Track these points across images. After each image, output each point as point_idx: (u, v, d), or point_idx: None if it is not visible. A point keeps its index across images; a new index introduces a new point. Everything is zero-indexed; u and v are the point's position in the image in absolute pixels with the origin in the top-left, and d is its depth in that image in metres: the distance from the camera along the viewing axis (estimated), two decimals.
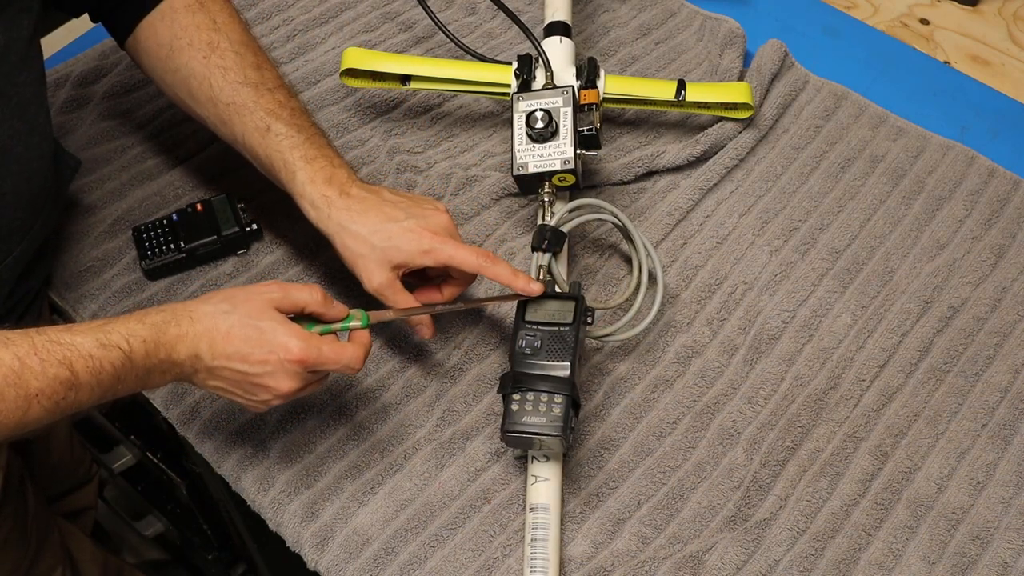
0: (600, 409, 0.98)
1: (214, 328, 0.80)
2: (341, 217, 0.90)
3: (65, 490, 1.30)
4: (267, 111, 0.93)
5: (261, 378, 0.81)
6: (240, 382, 0.81)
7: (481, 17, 1.28)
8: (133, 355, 0.76)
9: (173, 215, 1.06)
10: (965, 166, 1.14)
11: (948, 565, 0.89)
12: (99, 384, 0.75)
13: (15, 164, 0.86)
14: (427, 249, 0.89)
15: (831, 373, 1.00)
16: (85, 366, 0.74)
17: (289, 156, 0.92)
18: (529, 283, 0.90)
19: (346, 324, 0.86)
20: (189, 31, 0.95)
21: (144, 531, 1.55)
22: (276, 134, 0.93)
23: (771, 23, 1.28)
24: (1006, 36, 1.29)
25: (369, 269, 0.89)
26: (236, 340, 0.80)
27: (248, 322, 0.80)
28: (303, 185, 0.91)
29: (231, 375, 0.81)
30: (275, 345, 0.80)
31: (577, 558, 0.90)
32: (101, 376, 0.74)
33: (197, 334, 0.79)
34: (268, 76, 0.96)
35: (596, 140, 1.01)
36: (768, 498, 0.93)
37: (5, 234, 0.89)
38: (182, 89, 0.96)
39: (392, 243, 0.89)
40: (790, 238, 1.09)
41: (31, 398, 0.71)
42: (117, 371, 0.75)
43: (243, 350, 0.80)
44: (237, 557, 1.56)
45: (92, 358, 0.74)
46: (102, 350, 0.75)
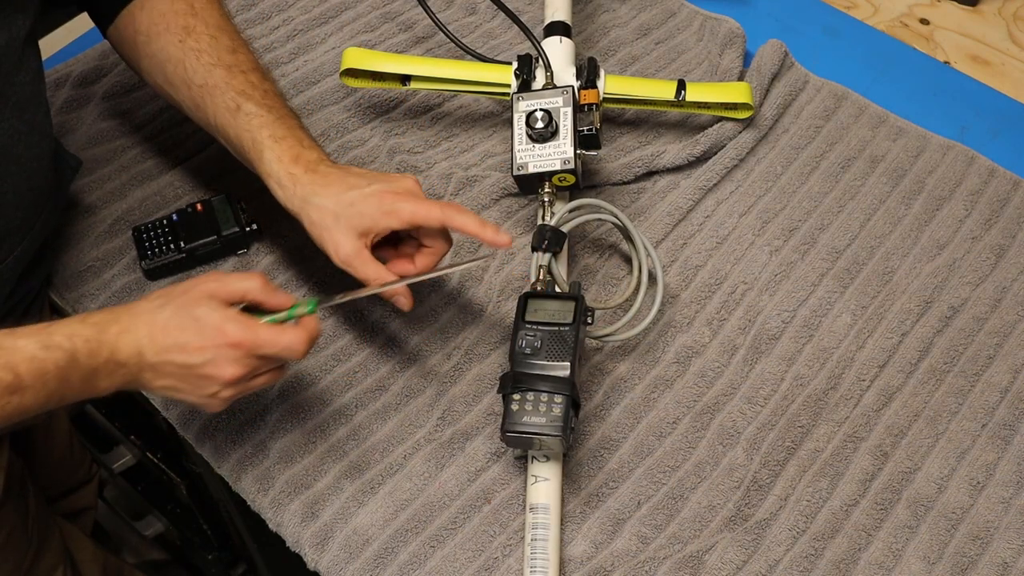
0: (600, 409, 0.98)
1: (152, 323, 0.78)
2: (305, 192, 0.88)
3: (65, 490, 1.30)
4: (238, 91, 0.93)
5: (203, 367, 0.78)
6: (185, 376, 0.79)
7: (481, 17, 1.28)
8: (77, 354, 0.75)
9: (173, 215, 1.06)
10: (965, 166, 1.14)
11: (948, 565, 0.89)
12: (44, 386, 0.74)
13: (15, 164, 0.86)
14: (389, 210, 0.86)
15: (831, 373, 1.00)
16: (29, 368, 0.73)
17: (258, 135, 0.91)
18: (497, 233, 0.87)
19: (292, 312, 0.83)
20: (167, 16, 0.96)
21: (144, 531, 1.55)
22: (246, 113, 0.91)
23: (771, 23, 1.28)
24: (1006, 36, 1.29)
25: (335, 240, 0.87)
26: (173, 331, 0.78)
27: (183, 312, 0.79)
28: (270, 164, 0.90)
29: (174, 370, 0.79)
30: (210, 330, 0.78)
31: (577, 558, 0.90)
32: (46, 378, 0.74)
33: (137, 329, 0.78)
34: (242, 59, 0.96)
35: (596, 140, 1.01)
36: (768, 498, 0.93)
37: (6, 234, 0.89)
38: (159, 74, 0.96)
39: (355, 209, 0.87)
40: (790, 238, 1.09)
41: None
42: (62, 371, 0.74)
43: (180, 340, 0.78)
44: (237, 557, 1.56)
45: (36, 360, 0.73)
46: (45, 351, 0.74)
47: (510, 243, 0.88)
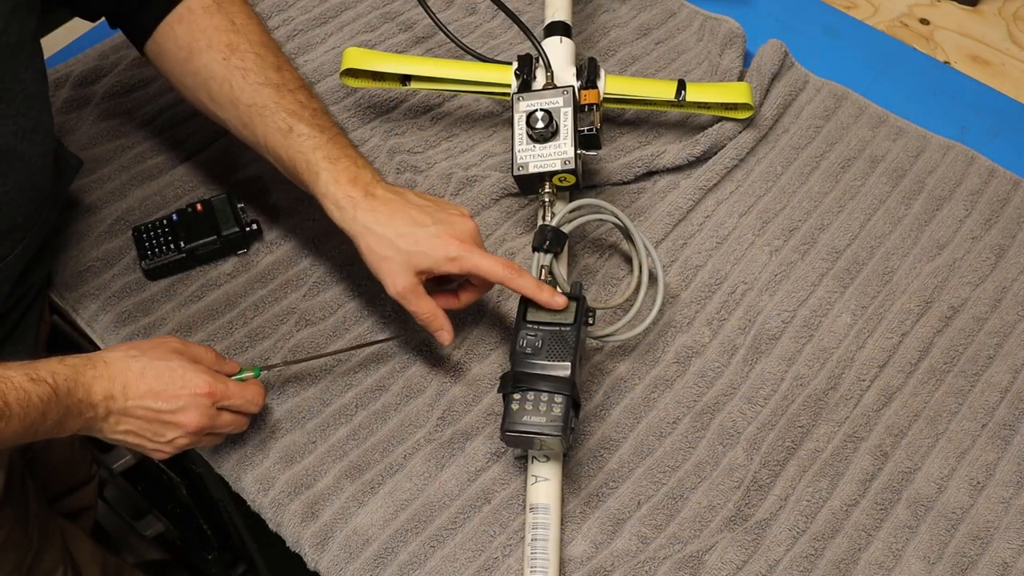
0: (600, 409, 0.98)
1: (127, 369, 0.84)
2: (366, 219, 0.89)
3: (65, 490, 1.30)
4: (289, 112, 0.92)
5: (173, 415, 0.85)
6: (152, 420, 0.85)
7: (481, 17, 1.28)
8: (58, 391, 0.79)
9: (173, 215, 1.06)
10: (965, 166, 1.14)
11: (948, 565, 0.89)
12: (26, 416, 0.77)
13: (19, 161, 0.86)
14: (454, 257, 0.88)
15: (831, 373, 1.00)
16: (16, 397, 0.77)
17: (312, 156, 0.91)
18: (554, 296, 0.90)
19: (240, 375, 0.92)
20: (208, 32, 0.94)
21: (144, 531, 1.55)
22: (298, 135, 0.92)
23: (771, 23, 1.28)
24: (1006, 36, 1.29)
25: (393, 272, 0.89)
26: (149, 379, 0.84)
27: (159, 363, 0.85)
28: (327, 185, 0.90)
29: (144, 414, 0.84)
30: (186, 381, 0.85)
31: (577, 558, 0.90)
32: (29, 409, 0.77)
33: (112, 375, 0.83)
34: (289, 77, 0.95)
35: (596, 140, 1.01)
36: (768, 498, 0.93)
37: (8, 231, 0.90)
38: (202, 92, 0.96)
39: (419, 248, 0.88)
40: (790, 238, 1.09)
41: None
42: (44, 405, 0.78)
43: (156, 387, 0.84)
44: (237, 557, 1.56)
45: (23, 390, 0.77)
46: (32, 384, 0.78)
47: (566, 304, 0.90)
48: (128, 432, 0.85)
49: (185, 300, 1.04)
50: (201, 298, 1.04)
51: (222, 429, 0.89)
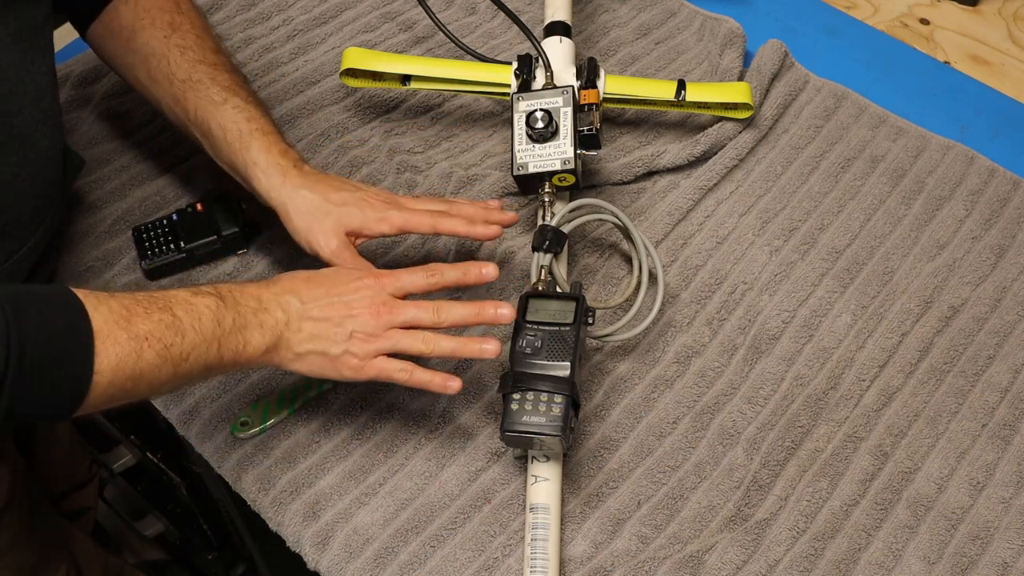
0: (600, 409, 0.98)
1: (295, 277, 0.84)
2: (297, 183, 0.92)
3: (65, 490, 1.30)
4: (223, 87, 0.96)
5: (347, 304, 0.83)
6: (328, 318, 0.82)
7: (481, 17, 1.28)
8: (224, 299, 0.79)
9: (173, 215, 1.06)
10: (965, 166, 1.14)
11: (948, 565, 0.89)
12: (201, 328, 0.77)
13: (32, 153, 0.87)
14: (383, 216, 0.92)
15: (831, 373, 1.00)
16: (185, 309, 0.77)
17: (245, 127, 0.94)
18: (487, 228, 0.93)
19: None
20: (152, 12, 0.97)
21: (144, 531, 1.55)
22: (233, 106, 0.95)
23: (771, 23, 1.29)
24: (1006, 36, 1.29)
25: (326, 232, 0.91)
26: (318, 278, 0.84)
27: (323, 269, 0.86)
28: (258, 153, 0.93)
29: (320, 312, 0.82)
30: (351, 273, 0.85)
31: (577, 558, 0.90)
32: (201, 320, 0.77)
33: (278, 283, 0.83)
34: (225, 60, 0.99)
35: (596, 140, 1.01)
36: (768, 498, 0.93)
37: (22, 223, 0.90)
38: (141, 69, 0.98)
39: (348, 208, 0.91)
40: (790, 238, 1.09)
41: (141, 340, 0.73)
42: (214, 314, 0.78)
43: (326, 283, 0.84)
44: (237, 557, 1.56)
45: (189, 303, 0.77)
46: (196, 296, 0.78)
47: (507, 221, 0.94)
48: (313, 337, 0.82)
49: None
50: None
51: (404, 314, 0.84)
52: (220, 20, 1.26)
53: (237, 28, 1.25)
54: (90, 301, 0.73)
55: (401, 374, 0.85)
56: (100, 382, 0.71)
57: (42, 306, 0.71)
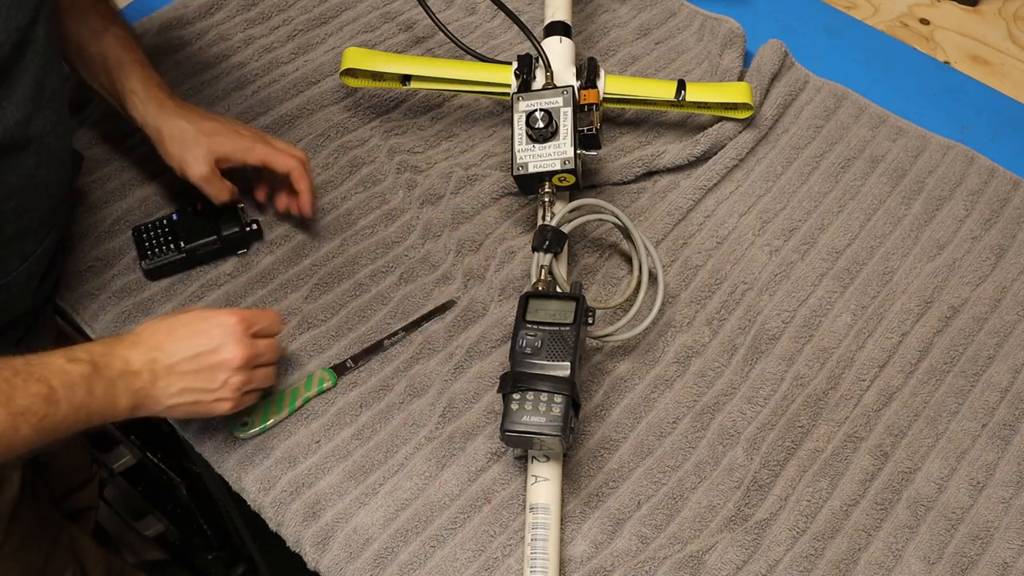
0: (600, 409, 0.98)
1: (156, 331, 0.85)
2: (171, 111, 0.99)
3: (66, 490, 1.30)
4: (104, 17, 1.00)
5: (216, 354, 0.85)
6: (198, 370, 0.85)
7: (481, 17, 1.28)
8: (97, 365, 0.80)
9: (173, 215, 1.06)
10: (965, 166, 1.14)
11: (948, 565, 0.89)
12: (73, 398, 0.78)
13: (47, 153, 0.88)
14: (250, 147, 1.01)
15: (831, 373, 1.00)
16: (60, 380, 0.77)
17: (124, 56, 0.99)
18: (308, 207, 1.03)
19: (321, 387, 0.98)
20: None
21: (144, 531, 1.55)
22: (114, 36, 0.99)
23: (771, 23, 1.28)
24: (1006, 36, 1.29)
25: (197, 157, 0.99)
26: (180, 331, 0.86)
27: (183, 316, 0.87)
28: (137, 83, 0.99)
29: (188, 366, 0.85)
30: (214, 320, 0.87)
31: (577, 558, 0.90)
32: (75, 390, 0.78)
33: (143, 340, 0.84)
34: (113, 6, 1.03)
35: (596, 140, 1.01)
36: (768, 498, 0.93)
37: (38, 225, 0.91)
38: None
39: (219, 136, 1.00)
40: (790, 238, 1.09)
41: (18, 416, 0.74)
42: (87, 382, 0.79)
43: (188, 335, 0.85)
44: (237, 557, 1.56)
45: (64, 372, 0.78)
46: (71, 364, 0.79)
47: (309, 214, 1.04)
48: (183, 391, 0.85)
49: (185, 300, 1.04)
50: (201, 298, 1.04)
51: (264, 358, 0.89)
52: (220, 20, 1.26)
53: (237, 28, 1.25)
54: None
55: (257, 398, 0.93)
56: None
57: None
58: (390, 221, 1.10)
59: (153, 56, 1.20)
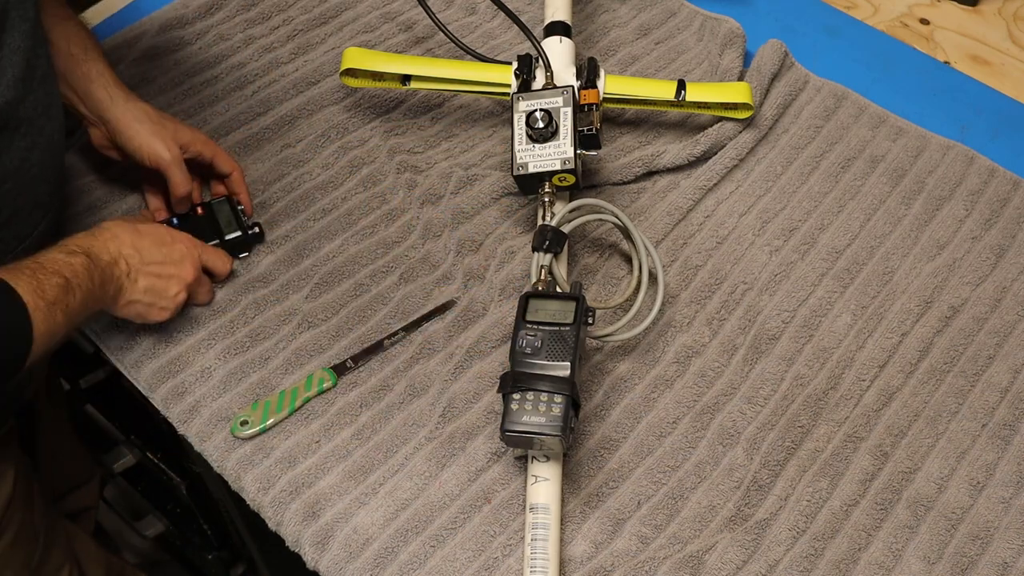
0: (600, 409, 0.98)
1: (125, 230, 0.93)
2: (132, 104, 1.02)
3: (66, 490, 1.30)
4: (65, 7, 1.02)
5: (176, 266, 0.95)
6: (159, 275, 0.94)
7: (481, 17, 1.28)
8: (91, 255, 0.87)
9: (173, 219, 1.06)
10: (965, 166, 1.14)
11: (948, 565, 0.89)
12: (82, 285, 0.85)
13: (41, 136, 0.88)
14: (204, 139, 1.07)
15: (831, 373, 1.00)
16: (70, 271, 0.84)
17: (89, 43, 1.02)
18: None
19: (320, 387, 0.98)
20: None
21: (144, 531, 1.55)
22: (76, 24, 1.02)
23: (771, 23, 1.28)
24: (1006, 36, 1.29)
25: (166, 139, 1.02)
26: (148, 237, 0.94)
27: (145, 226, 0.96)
28: (104, 68, 1.02)
29: (156, 269, 0.93)
30: (176, 237, 0.97)
31: (577, 558, 0.90)
32: (81, 278, 0.85)
33: (118, 237, 0.92)
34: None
35: (596, 140, 1.01)
36: (768, 498, 0.93)
37: (33, 208, 0.91)
38: None
39: (178, 125, 1.05)
40: (790, 238, 1.09)
41: (52, 305, 0.81)
42: (88, 271, 0.86)
43: (155, 243, 0.94)
44: (237, 557, 1.56)
45: (70, 264, 0.85)
46: (71, 256, 0.86)
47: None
48: (146, 291, 0.93)
49: None
50: None
51: (201, 287, 1.00)
52: (220, 20, 1.26)
53: (237, 28, 1.25)
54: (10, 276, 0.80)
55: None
56: (36, 348, 0.80)
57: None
58: (390, 221, 1.10)
59: (153, 56, 1.21)
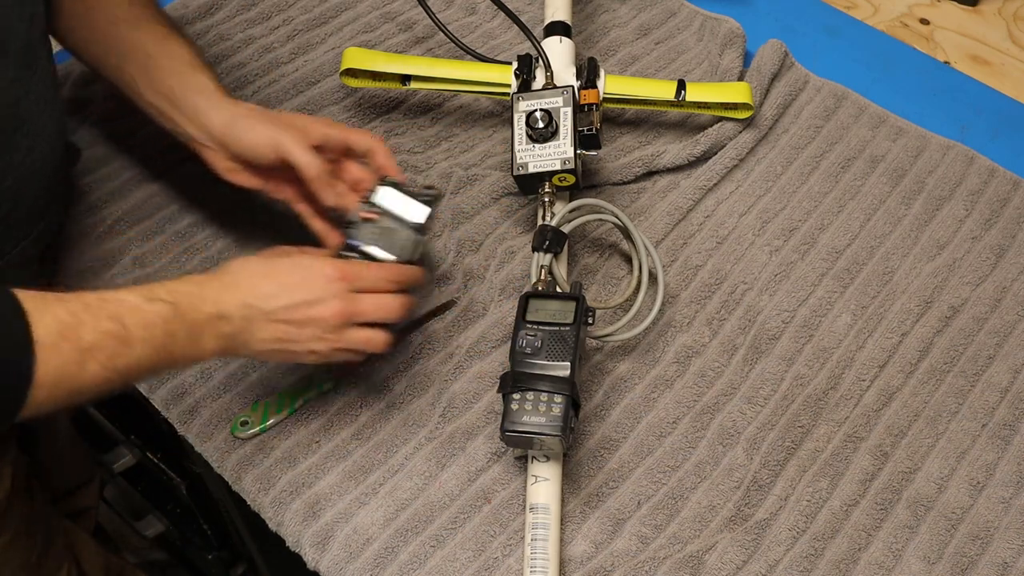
0: (600, 409, 0.98)
1: (253, 273, 0.82)
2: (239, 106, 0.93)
3: (66, 490, 1.30)
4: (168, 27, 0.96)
5: (312, 307, 0.82)
6: (292, 321, 0.82)
7: (481, 17, 1.28)
8: (179, 307, 0.77)
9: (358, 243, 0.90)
10: (965, 166, 1.14)
11: (948, 565, 0.89)
12: (151, 339, 0.75)
13: (41, 134, 0.87)
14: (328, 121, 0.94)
15: (831, 373, 1.00)
16: (135, 319, 0.74)
17: (196, 60, 0.94)
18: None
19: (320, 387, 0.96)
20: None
21: (144, 531, 1.55)
22: (179, 41, 0.95)
23: (771, 23, 1.29)
24: (1006, 36, 1.29)
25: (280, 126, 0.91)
26: (280, 276, 0.82)
27: (281, 261, 0.84)
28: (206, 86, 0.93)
29: (285, 314, 0.81)
30: (314, 268, 0.83)
31: (577, 558, 0.90)
32: (152, 331, 0.75)
33: (239, 283, 0.81)
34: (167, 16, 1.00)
35: (596, 140, 1.01)
36: (768, 498, 0.93)
37: (32, 209, 0.90)
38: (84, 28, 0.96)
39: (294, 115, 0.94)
40: (790, 238, 1.09)
41: (85, 352, 0.71)
42: (167, 324, 0.76)
43: (288, 282, 0.82)
44: (237, 557, 1.56)
45: (140, 311, 0.75)
46: (148, 303, 0.76)
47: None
48: (275, 339, 0.82)
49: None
50: None
51: (366, 316, 0.85)
52: (220, 20, 1.26)
53: (237, 28, 1.25)
54: (35, 306, 0.71)
55: (358, 356, 0.88)
56: (39, 393, 0.70)
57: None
58: None
59: None
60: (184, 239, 1.08)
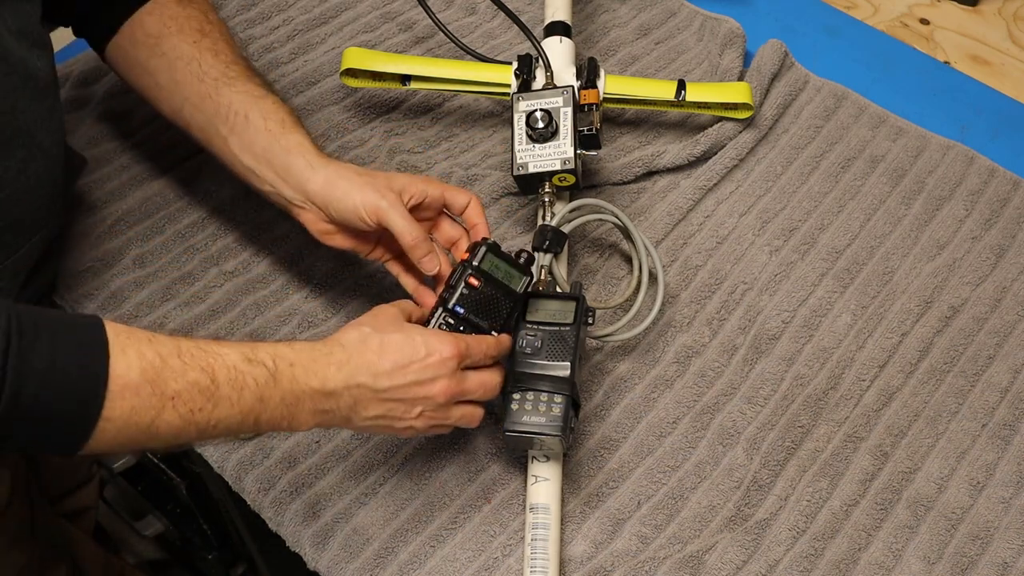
0: (600, 409, 0.98)
1: (367, 349, 0.79)
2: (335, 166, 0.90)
3: (66, 490, 1.30)
4: (260, 85, 0.95)
5: (423, 387, 0.80)
6: (403, 399, 0.80)
7: (481, 17, 1.28)
8: (278, 375, 0.74)
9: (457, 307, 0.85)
10: (965, 166, 1.14)
11: (948, 565, 0.89)
12: (239, 401, 0.72)
13: (38, 149, 0.87)
14: (426, 178, 0.90)
15: (831, 373, 1.00)
16: (227, 377, 0.72)
17: (288, 118, 0.93)
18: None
19: None
20: (179, 20, 0.96)
21: (144, 531, 1.55)
22: (273, 100, 0.93)
23: (771, 23, 1.29)
24: (1006, 36, 1.29)
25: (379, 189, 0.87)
26: (392, 353, 0.79)
27: (395, 335, 0.80)
28: (303, 137, 0.91)
29: (395, 393, 0.79)
30: (430, 347, 0.80)
31: (577, 558, 0.90)
32: (243, 393, 0.72)
33: (351, 359, 0.78)
34: (253, 66, 0.99)
35: (596, 140, 1.01)
36: (768, 498, 0.93)
37: (27, 221, 0.90)
38: (165, 73, 0.95)
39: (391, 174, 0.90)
40: (790, 238, 1.09)
41: (167, 398, 0.69)
42: (260, 389, 0.73)
43: (401, 360, 0.79)
44: (237, 557, 1.56)
45: (235, 370, 0.72)
46: (247, 364, 0.73)
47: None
48: (379, 417, 0.80)
49: (187, 300, 1.04)
50: (203, 299, 1.04)
51: (470, 395, 0.83)
52: None
53: (237, 28, 1.25)
54: (121, 342, 0.69)
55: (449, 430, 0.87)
56: (108, 429, 0.68)
57: (58, 341, 0.67)
58: None
59: None
60: (184, 239, 1.08)
